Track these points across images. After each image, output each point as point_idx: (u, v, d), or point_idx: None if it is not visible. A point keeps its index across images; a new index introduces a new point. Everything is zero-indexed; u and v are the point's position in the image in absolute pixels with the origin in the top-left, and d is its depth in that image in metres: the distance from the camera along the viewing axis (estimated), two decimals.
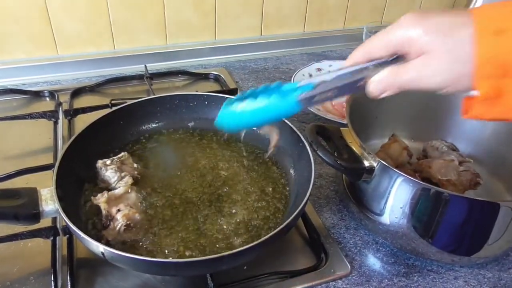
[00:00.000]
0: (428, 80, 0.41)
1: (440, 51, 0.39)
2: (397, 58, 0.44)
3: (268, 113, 0.51)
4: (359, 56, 0.46)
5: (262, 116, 0.51)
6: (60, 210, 0.51)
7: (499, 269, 0.63)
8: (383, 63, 0.45)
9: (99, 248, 0.49)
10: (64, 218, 0.51)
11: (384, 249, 0.65)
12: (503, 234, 0.57)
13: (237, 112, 0.52)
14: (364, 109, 0.70)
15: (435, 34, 0.39)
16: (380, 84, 0.44)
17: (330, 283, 0.59)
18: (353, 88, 0.46)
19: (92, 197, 0.57)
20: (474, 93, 0.39)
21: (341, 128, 0.66)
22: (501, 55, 0.37)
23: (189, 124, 0.78)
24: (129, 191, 0.57)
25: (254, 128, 0.57)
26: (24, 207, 0.52)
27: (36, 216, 0.53)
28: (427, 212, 0.57)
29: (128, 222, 0.55)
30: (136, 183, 0.63)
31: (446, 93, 0.42)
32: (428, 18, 0.40)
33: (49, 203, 0.53)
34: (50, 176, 0.69)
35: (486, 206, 0.55)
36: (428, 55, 0.40)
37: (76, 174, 0.63)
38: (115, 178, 0.61)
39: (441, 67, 0.40)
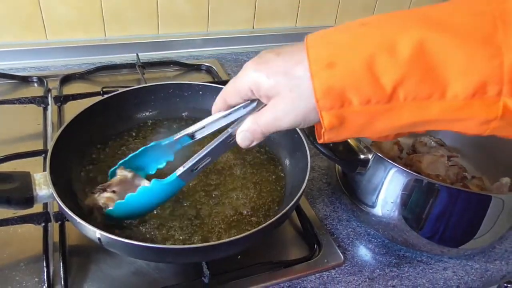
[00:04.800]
0: (283, 120, 0.41)
1: (284, 91, 0.40)
2: (257, 104, 0.45)
3: (154, 197, 0.53)
4: (219, 104, 0.48)
5: (149, 201, 0.54)
6: (55, 194, 0.50)
7: (485, 261, 0.65)
8: (245, 115, 0.47)
9: (95, 233, 0.48)
10: (59, 202, 0.50)
11: (376, 241, 0.66)
12: (492, 227, 0.59)
13: (124, 202, 0.52)
14: None
15: (276, 76, 0.40)
16: (246, 133, 0.45)
17: (324, 272, 0.60)
18: (225, 145, 0.49)
19: (90, 194, 0.56)
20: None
21: None
22: (336, 87, 0.37)
23: (183, 114, 0.77)
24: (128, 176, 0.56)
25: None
26: (17, 191, 0.51)
27: (29, 200, 0.52)
28: (419, 204, 0.58)
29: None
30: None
31: (304, 127, 0.42)
32: (268, 61, 0.41)
33: (43, 187, 0.52)
34: (39, 163, 0.69)
35: (477, 198, 0.57)
36: (276, 97, 0.40)
37: (69, 160, 0.61)
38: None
39: (288, 106, 0.40)
